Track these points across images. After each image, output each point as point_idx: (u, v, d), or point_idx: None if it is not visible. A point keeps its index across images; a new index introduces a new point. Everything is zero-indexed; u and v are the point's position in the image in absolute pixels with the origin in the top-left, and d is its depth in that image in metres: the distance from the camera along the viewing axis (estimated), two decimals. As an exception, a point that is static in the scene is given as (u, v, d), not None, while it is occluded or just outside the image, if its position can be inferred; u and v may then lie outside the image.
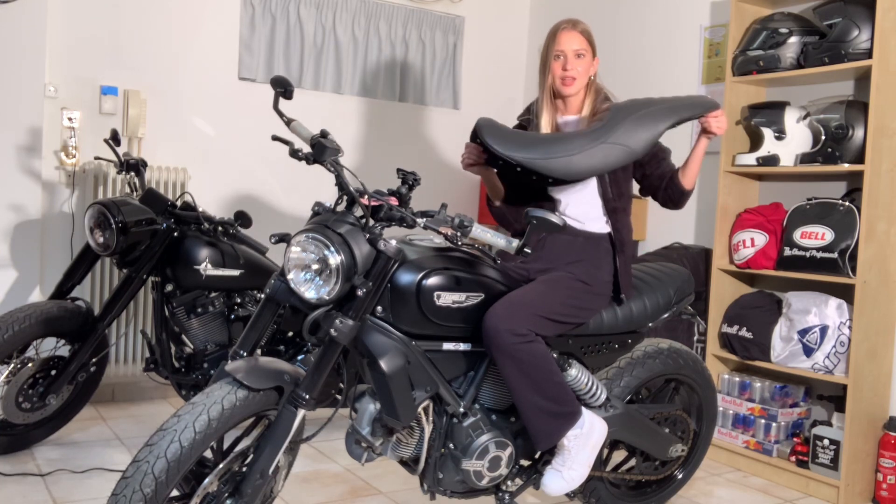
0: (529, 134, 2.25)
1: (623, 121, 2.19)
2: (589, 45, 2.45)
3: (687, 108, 2.28)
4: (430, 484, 2.23)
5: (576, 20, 2.48)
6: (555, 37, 2.44)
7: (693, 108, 2.29)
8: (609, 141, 2.16)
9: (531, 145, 2.17)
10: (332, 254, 1.92)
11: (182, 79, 3.98)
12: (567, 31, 2.43)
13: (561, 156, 2.13)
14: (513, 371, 2.11)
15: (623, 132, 2.18)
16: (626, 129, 2.18)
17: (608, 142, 2.16)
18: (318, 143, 2.06)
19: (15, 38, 3.52)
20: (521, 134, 2.24)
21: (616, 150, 2.17)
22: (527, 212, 1.89)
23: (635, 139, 2.19)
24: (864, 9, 3.03)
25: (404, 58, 4.58)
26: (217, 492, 1.94)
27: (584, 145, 2.15)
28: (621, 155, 2.18)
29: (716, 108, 2.32)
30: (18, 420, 2.98)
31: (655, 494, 2.75)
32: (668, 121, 2.23)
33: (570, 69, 2.41)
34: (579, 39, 2.43)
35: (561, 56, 2.42)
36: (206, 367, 3.04)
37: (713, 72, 3.89)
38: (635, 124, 2.19)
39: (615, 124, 2.19)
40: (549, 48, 2.45)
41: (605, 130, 2.18)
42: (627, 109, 2.23)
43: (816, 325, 3.10)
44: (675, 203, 2.50)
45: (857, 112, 3.06)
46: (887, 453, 3.00)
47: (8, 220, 3.56)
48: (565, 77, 2.42)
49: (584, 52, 2.43)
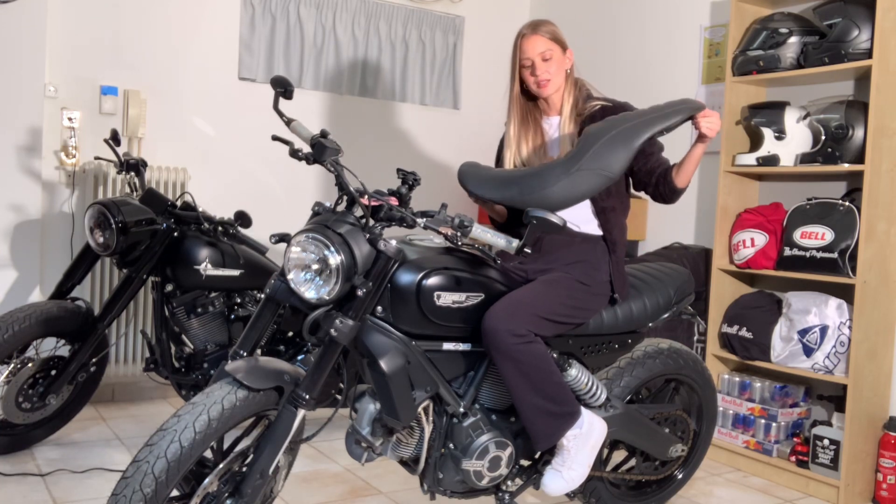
0: (505, 173, 2.24)
1: (594, 145, 2.16)
2: (555, 42, 2.45)
3: (665, 117, 2.23)
4: (430, 484, 2.23)
5: (536, 22, 2.48)
6: (518, 47, 2.45)
7: (674, 115, 2.23)
8: (582, 168, 2.15)
9: (506, 184, 2.19)
10: (332, 254, 1.92)
11: (182, 79, 3.98)
12: (528, 37, 2.44)
13: (536, 191, 2.15)
14: (512, 371, 2.11)
15: (595, 157, 2.16)
16: (597, 154, 2.16)
17: (582, 169, 2.15)
18: (318, 143, 2.06)
19: (15, 38, 3.52)
20: (497, 175, 2.24)
21: (590, 177, 2.16)
22: (527, 212, 1.89)
23: (608, 162, 2.16)
24: (864, 9, 3.03)
25: (404, 58, 4.57)
26: (217, 492, 1.94)
27: (558, 176, 2.15)
28: (596, 180, 2.16)
29: (700, 109, 2.27)
30: (18, 420, 2.98)
31: (655, 494, 2.75)
32: (643, 135, 2.19)
33: (541, 73, 2.43)
34: (542, 41, 2.43)
35: (528, 63, 2.44)
36: (206, 367, 3.04)
37: (713, 72, 3.89)
38: (608, 147, 2.16)
39: (586, 150, 2.17)
40: (516, 57, 2.47)
41: (577, 158, 2.16)
42: (599, 133, 2.19)
43: (816, 325, 3.10)
44: (665, 199, 2.47)
45: (857, 112, 3.06)
46: (887, 453, 3.00)
47: (8, 220, 3.56)
48: (539, 82, 2.44)
49: (551, 53, 2.43)
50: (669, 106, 2.25)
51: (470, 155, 4.67)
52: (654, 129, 2.20)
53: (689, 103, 2.26)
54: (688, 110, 2.25)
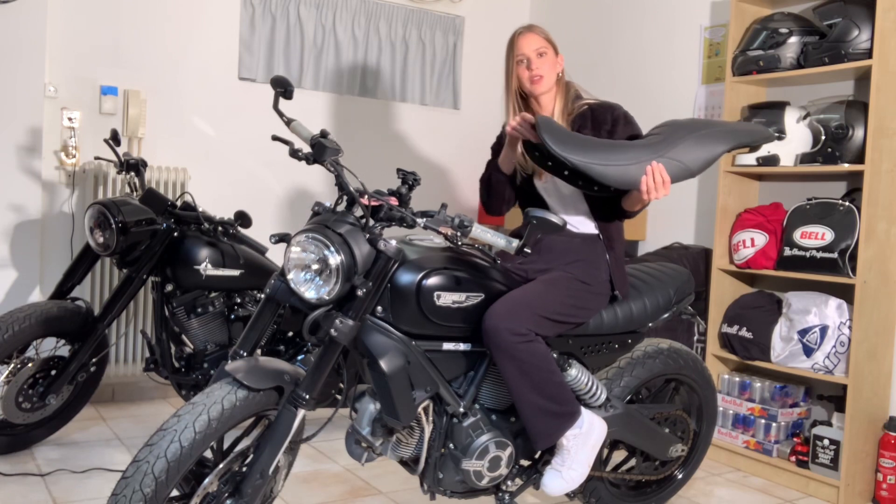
0: (586, 138, 2.23)
1: (683, 138, 2.17)
2: (548, 43, 2.48)
3: (744, 135, 2.25)
4: (430, 484, 2.23)
5: (531, 24, 2.54)
6: (514, 44, 2.47)
7: (750, 136, 2.26)
8: (667, 156, 2.15)
9: (590, 150, 2.14)
10: (332, 254, 1.92)
11: (182, 79, 3.98)
12: (524, 34, 2.47)
13: (619, 164, 2.12)
14: (512, 371, 2.11)
15: (682, 149, 2.16)
16: (685, 147, 2.16)
17: (666, 156, 2.15)
18: (318, 143, 2.06)
19: (15, 38, 3.52)
20: (578, 137, 2.21)
21: (672, 167, 2.15)
22: (527, 212, 1.90)
23: (693, 158, 2.16)
24: (864, 9, 3.03)
25: (404, 58, 4.57)
26: (217, 492, 1.94)
27: (640, 157, 2.14)
28: (677, 172, 2.16)
29: (770, 140, 2.29)
30: (18, 420, 2.98)
31: (655, 494, 2.75)
32: (727, 145, 2.20)
33: (536, 68, 2.44)
34: (537, 39, 2.46)
35: (524, 59, 2.45)
36: (206, 367, 3.04)
37: (713, 72, 3.89)
38: (695, 143, 2.17)
39: (675, 140, 2.16)
40: (511, 56, 2.48)
41: (665, 145, 2.16)
42: (688, 127, 2.20)
43: (816, 325, 3.10)
44: (605, 218, 2.45)
45: (857, 112, 3.06)
46: (887, 453, 3.00)
47: (8, 220, 3.56)
48: (532, 77, 2.45)
49: (545, 50, 2.46)
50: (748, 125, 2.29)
51: (470, 155, 4.67)
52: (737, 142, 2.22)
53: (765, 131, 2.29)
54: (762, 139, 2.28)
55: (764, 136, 2.30)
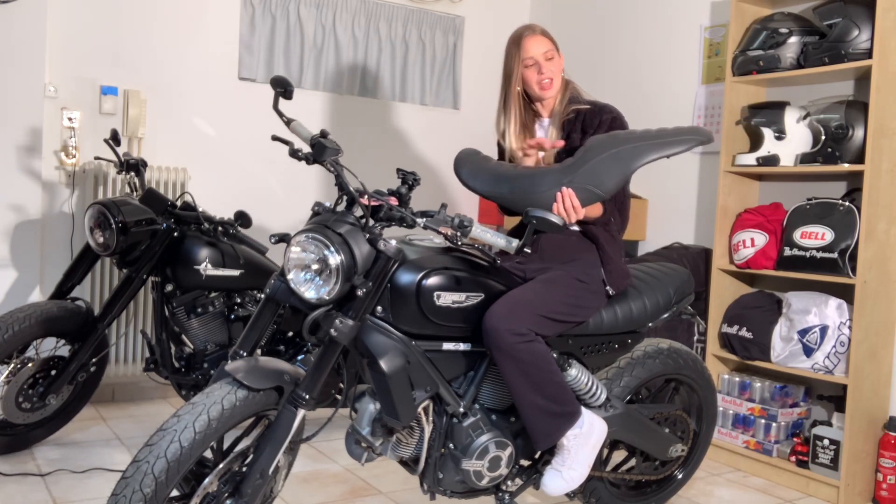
0: (500, 169, 2.24)
1: (592, 160, 2.16)
2: (553, 44, 2.48)
3: (669, 144, 2.19)
4: (430, 484, 2.23)
5: (533, 25, 2.51)
6: (520, 45, 2.45)
7: (679, 143, 2.20)
8: (575, 182, 2.16)
9: (499, 181, 2.22)
10: (332, 254, 1.92)
11: (182, 79, 3.98)
12: (531, 36, 2.45)
13: (526, 194, 2.17)
14: (513, 370, 2.11)
15: (590, 173, 2.15)
16: (593, 170, 2.15)
17: (574, 183, 2.16)
18: (318, 143, 2.06)
19: (15, 38, 3.52)
20: (492, 169, 2.23)
21: (580, 193, 2.16)
22: (527, 211, 1.90)
23: (602, 180, 2.15)
24: (864, 9, 3.03)
25: (404, 58, 4.57)
26: (217, 492, 1.94)
27: (550, 185, 2.16)
28: (586, 196, 2.16)
29: (709, 141, 2.23)
30: (18, 420, 2.98)
31: (655, 494, 2.75)
32: (644, 159, 2.17)
33: (546, 72, 2.44)
34: (544, 42, 2.45)
35: (533, 63, 2.44)
36: (206, 367, 3.04)
37: (713, 72, 3.89)
38: (606, 164, 2.15)
39: (583, 163, 2.16)
40: (516, 57, 2.46)
41: (573, 170, 2.16)
42: (600, 147, 2.18)
43: (816, 325, 3.10)
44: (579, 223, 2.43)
45: (857, 112, 3.06)
46: (887, 453, 3.00)
47: (8, 220, 3.56)
48: (542, 81, 2.44)
49: (553, 52, 2.46)
50: (678, 133, 2.22)
51: (470, 155, 4.67)
52: (656, 154, 2.18)
53: (698, 134, 2.23)
54: (694, 141, 2.21)
55: (699, 138, 2.22)
